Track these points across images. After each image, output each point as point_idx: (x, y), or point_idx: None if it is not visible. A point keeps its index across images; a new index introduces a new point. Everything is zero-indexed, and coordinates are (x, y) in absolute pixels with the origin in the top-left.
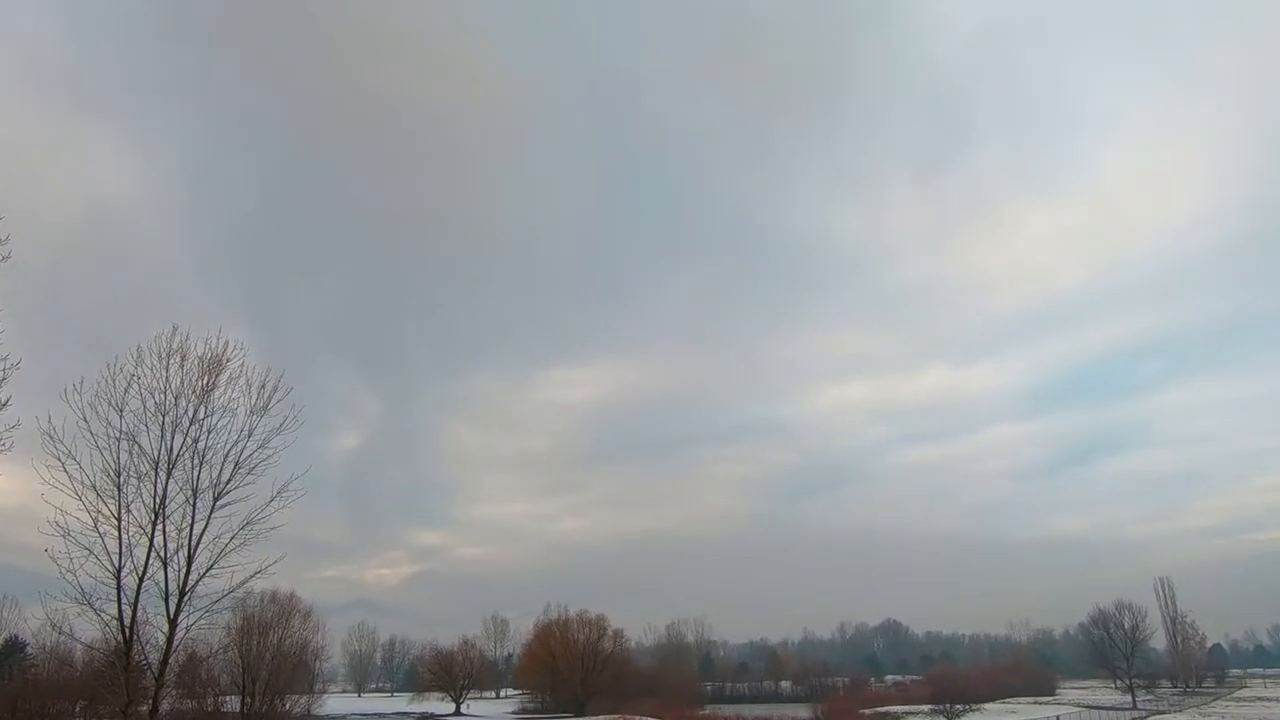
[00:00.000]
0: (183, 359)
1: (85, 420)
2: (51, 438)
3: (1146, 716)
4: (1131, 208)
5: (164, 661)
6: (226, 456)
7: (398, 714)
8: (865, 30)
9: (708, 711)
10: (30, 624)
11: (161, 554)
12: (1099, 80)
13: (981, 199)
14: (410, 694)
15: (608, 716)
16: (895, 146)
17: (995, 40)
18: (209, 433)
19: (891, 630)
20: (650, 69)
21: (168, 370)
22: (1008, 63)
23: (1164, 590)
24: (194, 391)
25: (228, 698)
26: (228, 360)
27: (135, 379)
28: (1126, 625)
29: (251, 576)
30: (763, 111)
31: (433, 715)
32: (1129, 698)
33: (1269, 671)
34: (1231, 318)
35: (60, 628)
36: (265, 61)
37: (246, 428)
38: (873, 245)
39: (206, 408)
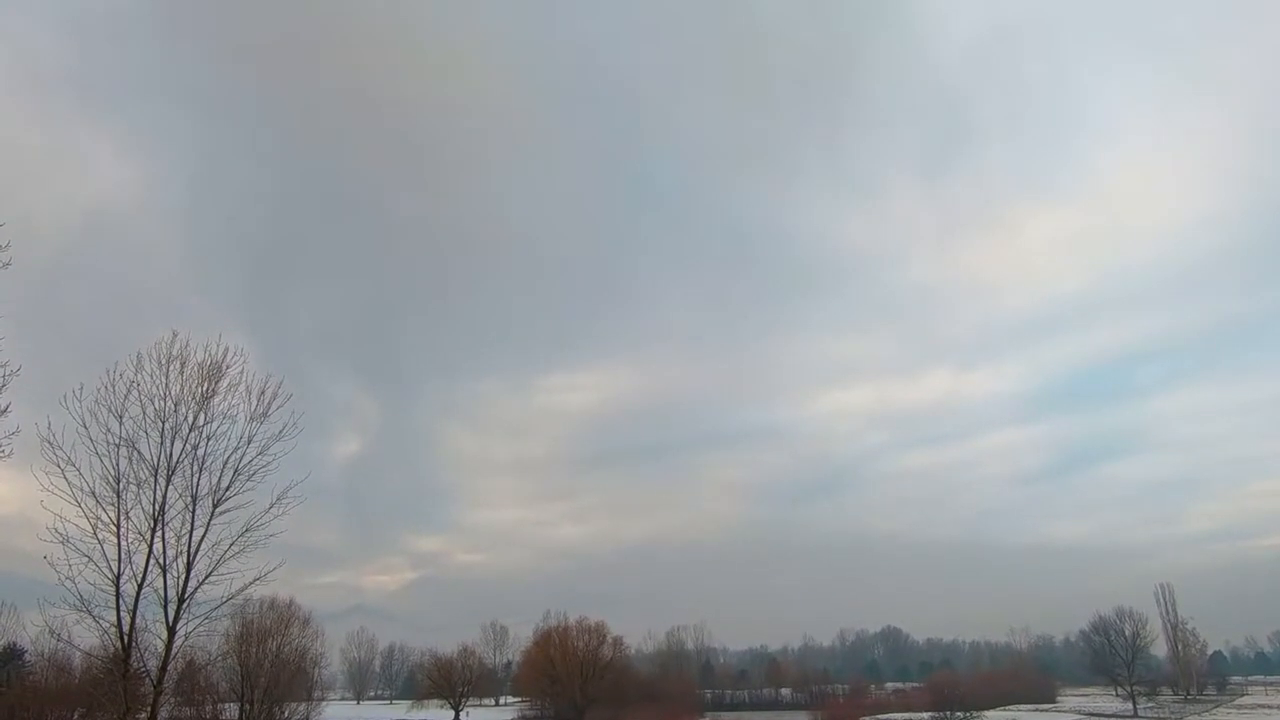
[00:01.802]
0: (182, 365)
1: (85, 427)
2: (51, 444)
3: None
4: (1134, 211)
5: (163, 669)
6: (226, 463)
7: None
8: (867, 33)
9: (708, 719)
10: (29, 631)
11: (160, 561)
12: (1103, 83)
13: (983, 202)
14: (409, 701)
15: None
16: (897, 149)
17: (998, 43)
18: (208, 439)
19: (892, 637)
20: (650, 71)
21: (167, 377)
22: (1011, 66)
23: (1165, 596)
24: (193, 398)
25: (226, 705)
26: (227, 367)
27: (135, 385)
28: (1127, 632)
29: (251, 583)
30: (763, 114)
31: None
32: (1130, 705)
33: (1270, 679)
34: (1233, 321)
35: (59, 634)
36: (266, 64)
37: (246, 434)
38: (874, 248)
39: (206, 414)
